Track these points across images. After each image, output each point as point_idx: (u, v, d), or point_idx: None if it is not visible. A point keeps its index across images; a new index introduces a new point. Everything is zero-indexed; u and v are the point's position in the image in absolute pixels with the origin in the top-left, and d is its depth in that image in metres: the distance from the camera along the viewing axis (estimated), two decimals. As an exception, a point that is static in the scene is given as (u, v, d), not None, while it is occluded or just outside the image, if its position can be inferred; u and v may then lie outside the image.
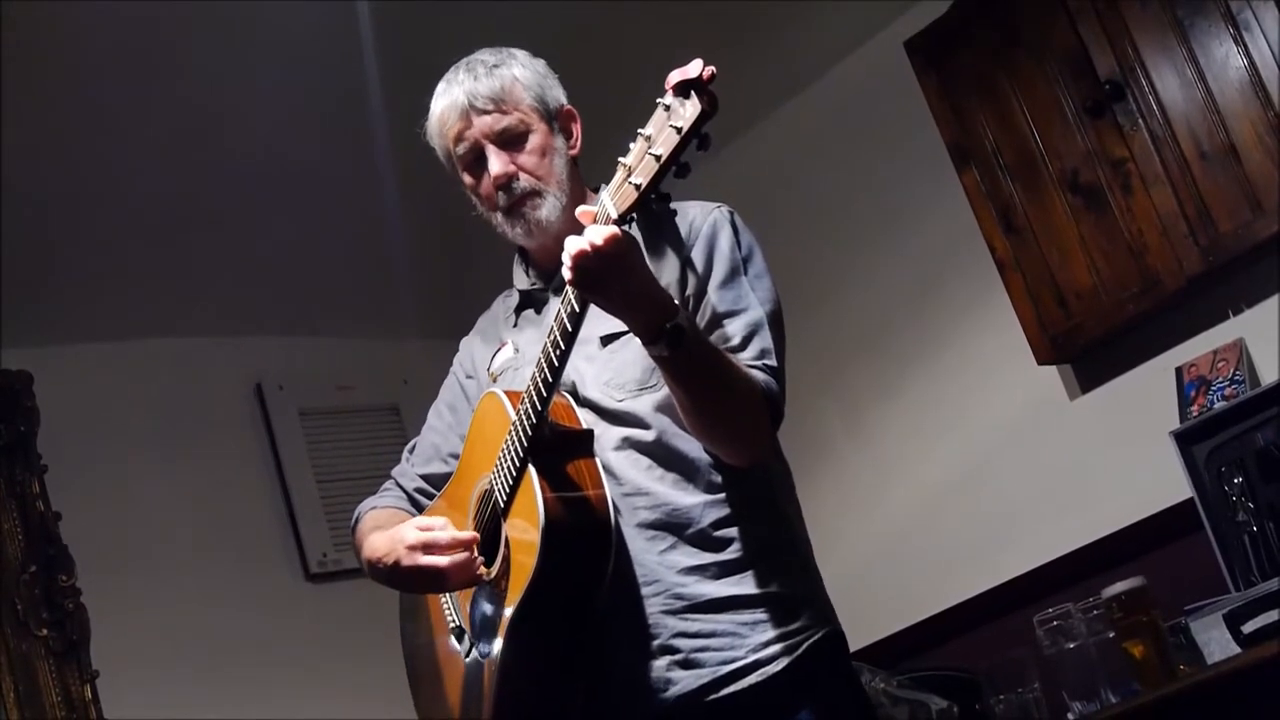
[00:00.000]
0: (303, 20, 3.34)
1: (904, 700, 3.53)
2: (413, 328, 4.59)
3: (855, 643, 3.86)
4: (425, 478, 2.35)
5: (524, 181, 2.14)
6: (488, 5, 3.37)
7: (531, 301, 2.28)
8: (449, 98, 2.17)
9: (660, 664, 2.01)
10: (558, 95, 2.21)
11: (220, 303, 4.30)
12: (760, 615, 2.02)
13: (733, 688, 2.00)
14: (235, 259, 4.12)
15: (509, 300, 2.33)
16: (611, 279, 1.85)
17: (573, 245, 1.83)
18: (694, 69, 1.70)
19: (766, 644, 2.01)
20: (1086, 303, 3.47)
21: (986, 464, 3.90)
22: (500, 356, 2.27)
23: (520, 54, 2.22)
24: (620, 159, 1.79)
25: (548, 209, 2.14)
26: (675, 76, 1.71)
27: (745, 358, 2.03)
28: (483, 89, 2.14)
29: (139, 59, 3.30)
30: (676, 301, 1.93)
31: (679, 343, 1.88)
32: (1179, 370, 3.46)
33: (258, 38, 3.36)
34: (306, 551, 4.34)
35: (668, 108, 1.72)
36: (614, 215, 1.80)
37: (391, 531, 2.14)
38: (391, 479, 2.40)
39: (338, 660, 4.12)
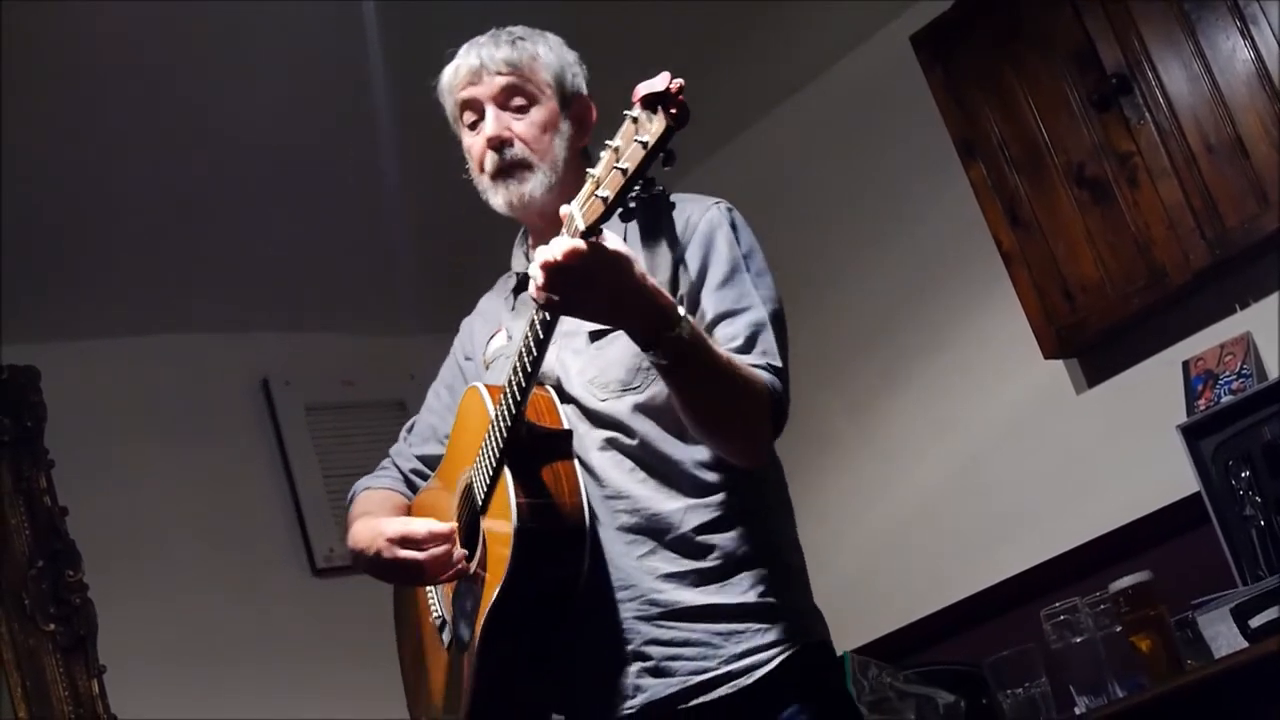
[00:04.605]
0: (307, 14, 3.34)
1: (910, 695, 3.53)
2: (418, 323, 4.58)
3: (861, 638, 3.94)
4: (421, 458, 2.32)
5: (518, 149, 2.11)
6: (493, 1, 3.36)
7: (529, 284, 2.27)
8: (465, 58, 2.16)
9: (630, 670, 1.98)
10: (578, 84, 2.18)
11: (226, 299, 4.30)
12: (736, 626, 1.96)
13: (703, 699, 1.95)
14: (241, 255, 4.12)
15: (508, 282, 2.29)
16: (577, 292, 1.80)
17: (540, 256, 1.79)
18: (660, 82, 1.64)
19: (740, 656, 1.95)
20: (1093, 296, 3.47)
21: (992, 458, 3.89)
22: (495, 343, 2.24)
23: (554, 38, 2.20)
24: (589, 170, 1.75)
25: (534, 184, 2.10)
26: (642, 89, 1.66)
27: (748, 359, 1.97)
28: (500, 54, 2.13)
29: (141, 54, 3.30)
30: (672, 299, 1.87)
31: (679, 357, 1.84)
32: (1186, 364, 3.46)
33: (261, 32, 3.35)
34: (313, 546, 4.35)
35: (635, 120, 1.67)
36: (581, 227, 1.76)
37: (374, 522, 2.14)
38: (389, 457, 2.38)
39: (344, 655, 4.12)
